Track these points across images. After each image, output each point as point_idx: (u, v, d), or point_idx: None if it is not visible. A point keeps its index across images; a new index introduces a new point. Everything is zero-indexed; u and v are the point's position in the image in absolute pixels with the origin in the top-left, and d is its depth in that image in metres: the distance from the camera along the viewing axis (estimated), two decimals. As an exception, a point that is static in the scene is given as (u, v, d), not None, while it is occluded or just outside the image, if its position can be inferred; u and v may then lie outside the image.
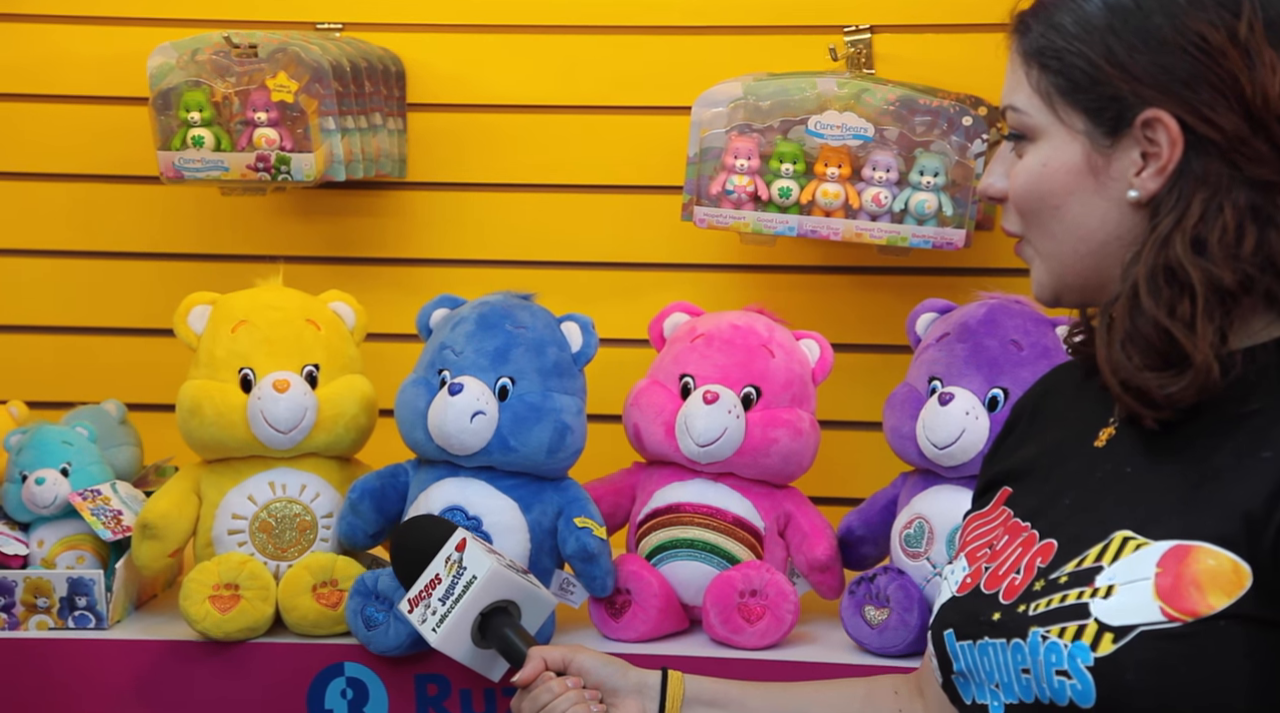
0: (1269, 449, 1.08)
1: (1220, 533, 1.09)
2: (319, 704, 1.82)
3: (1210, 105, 1.12)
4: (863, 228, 1.97)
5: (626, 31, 2.20)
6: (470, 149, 2.23)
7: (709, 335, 1.90)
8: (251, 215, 2.25)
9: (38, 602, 1.85)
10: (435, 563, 1.53)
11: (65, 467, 1.91)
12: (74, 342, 2.29)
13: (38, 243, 2.29)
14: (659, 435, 1.87)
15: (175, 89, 2.03)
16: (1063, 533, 1.20)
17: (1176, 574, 1.10)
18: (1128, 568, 1.13)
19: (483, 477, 1.83)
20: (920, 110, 1.96)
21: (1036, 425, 1.36)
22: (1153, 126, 1.14)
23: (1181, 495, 1.13)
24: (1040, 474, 1.29)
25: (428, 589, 1.53)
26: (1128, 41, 1.15)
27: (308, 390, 1.86)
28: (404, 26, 2.21)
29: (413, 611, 1.54)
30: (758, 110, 1.99)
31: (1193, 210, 1.13)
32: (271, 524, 1.87)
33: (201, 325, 1.91)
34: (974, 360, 1.79)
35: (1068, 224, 1.19)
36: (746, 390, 1.87)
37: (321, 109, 2.02)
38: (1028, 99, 1.19)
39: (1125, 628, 1.10)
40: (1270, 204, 1.13)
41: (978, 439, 1.75)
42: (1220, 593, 1.08)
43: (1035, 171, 1.20)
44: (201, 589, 1.80)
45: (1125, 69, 1.14)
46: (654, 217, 2.17)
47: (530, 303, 1.91)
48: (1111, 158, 1.16)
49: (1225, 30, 1.12)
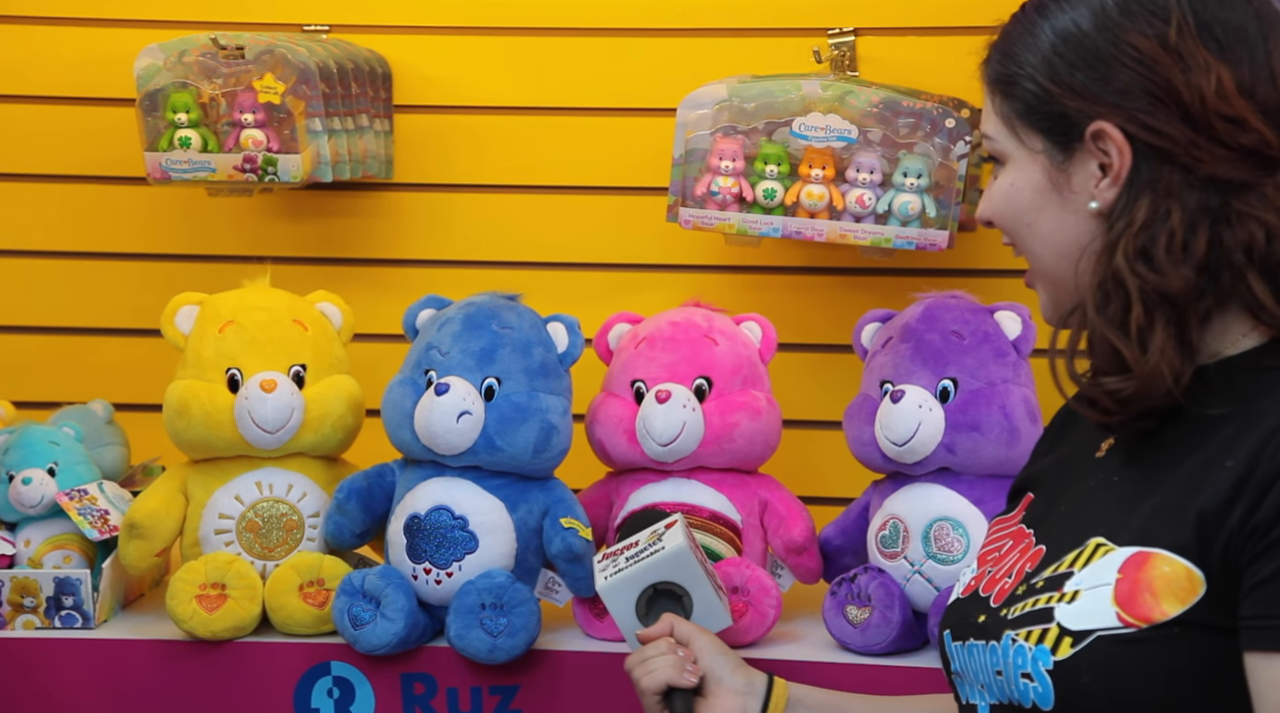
0: (1232, 458, 1.09)
1: (1177, 540, 1.10)
2: (305, 703, 1.81)
3: (1149, 112, 1.14)
4: (847, 229, 1.97)
5: (612, 34, 2.20)
6: (457, 150, 2.23)
7: (651, 338, 1.90)
8: (238, 216, 2.24)
9: (24, 601, 1.85)
10: (643, 531, 1.58)
11: (52, 466, 1.90)
12: (61, 341, 2.29)
13: (24, 243, 2.28)
14: (623, 444, 1.87)
15: (162, 90, 2.03)
16: (1052, 539, 1.22)
17: (1134, 581, 1.11)
18: (1093, 574, 1.14)
19: (469, 476, 1.82)
20: (904, 112, 1.96)
21: (1065, 434, 1.37)
22: (1101, 138, 1.16)
23: (1151, 502, 1.14)
24: (1052, 483, 1.31)
25: (623, 549, 1.56)
26: (1069, 61, 1.17)
27: (294, 390, 1.86)
28: (391, 28, 2.21)
29: (602, 560, 1.57)
30: (742, 112, 1.99)
31: (1138, 217, 1.14)
32: (258, 524, 1.87)
33: (189, 326, 1.91)
34: (919, 356, 1.80)
35: (1044, 240, 1.21)
36: (698, 382, 1.86)
37: (308, 110, 2.01)
38: (995, 126, 1.23)
39: (1084, 633, 1.12)
40: (1226, 204, 1.13)
41: (934, 430, 1.75)
42: (1174, 600, 1.09)
43: (1005, 192, 1.23)
44: (188, 589, 1.80)
45: (1068, 86, 1.17)
46: (639, 218, 2.16)
47: (516, 304, 1.91)
48: (1071, 173, 1.18)
49: (1156, 38, 1.14)
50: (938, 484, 1.78)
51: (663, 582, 1.49)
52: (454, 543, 1.79)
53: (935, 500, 1.77)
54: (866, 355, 1.91)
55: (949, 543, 1.74)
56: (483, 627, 1.75)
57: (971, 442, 1.75)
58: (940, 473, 1.78)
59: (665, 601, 1.50)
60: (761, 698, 1.46)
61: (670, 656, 1.44)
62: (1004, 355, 1.80)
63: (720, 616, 1.53)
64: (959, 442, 1.75)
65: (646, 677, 1.43)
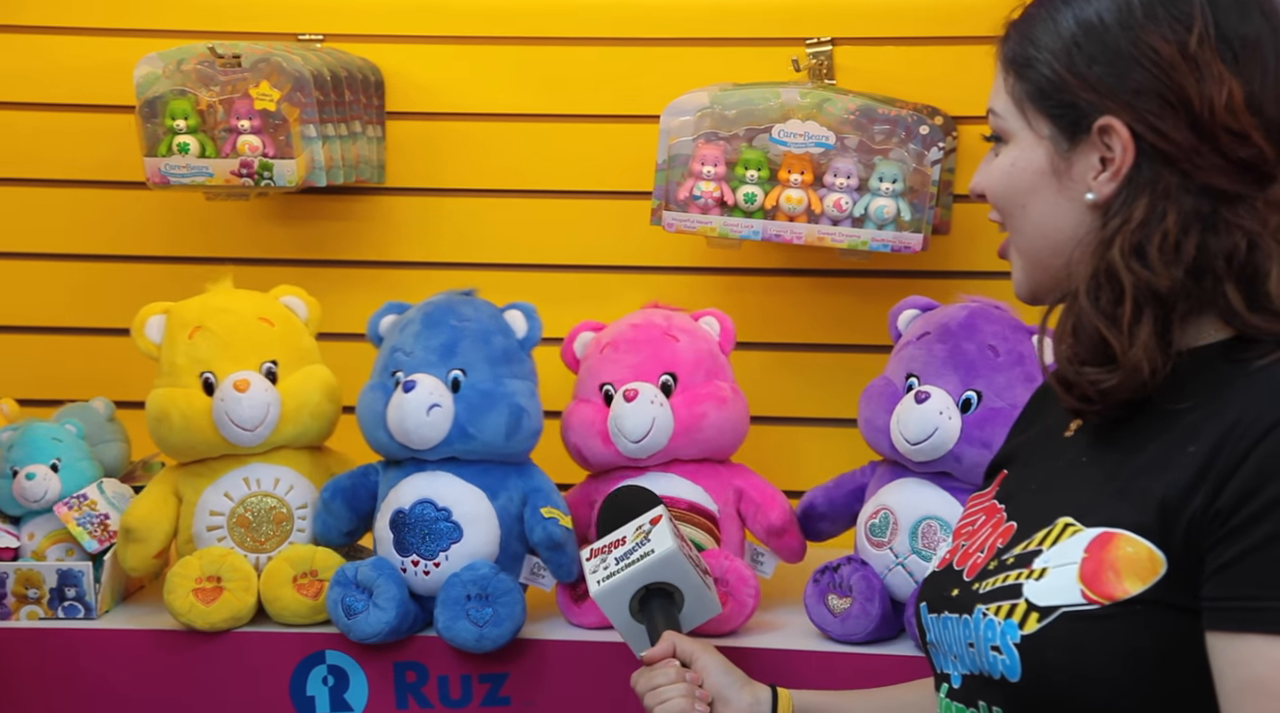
0: (1194, 444, 1.09)
1: (1140, 522, 1.10)
2: (301, 691, 1.81)
3: (1159, 115, 1.13)
4: (824, 232, 1.97)
5: (597, 43, 2.20)
6: (447, 156, 2.23)
7: (614, 341, 1.90)
8: (235, 220, 2.24)
9: (28, 593, 1.85)
10: (627, 526, 1.55)
11: (55, 462, 1.90)
12: (63, 341, 2.29)
13: (27, 246, 2.28)
14: (598, 446, 1.86)
15: (161, 98, 2.03)
16: (1022, 516, 1.22)
17: (1099, 560, 1.11)
18: (1060, 552, 1.14)
19: (448, 469, 1.82)
20: (879, 119, 1.96)
21: (1039, 414, 1.36)
22: (1108, 133, 1.15)
23: (1117, 485, 1.14)
24: (1025, 460, 1.31)
25: (610, 547, 1.53)
26: (1088, 53, 1.16)
27: (269, 387, 1.85)
28: (383, 38, 2.21)
29: (590, 559, 1.54)
30: (724, 119, 2.00)
31: (1135, 215, 1.13)
32: (249, 519, 1.86)
33: (159, 335, 1.90)
34: (951, 362, 1.78)
35: (1034, 221, 1.20)
36: (663, 379, 1.86)
37: (303, 117, 2.01)
38: (1004, 104, 1.21)
39: (1050, 608, 1.11)
40: (1216, 212, 1.13)
41: (948, 438, 1.74)
42: (1136, 579, 1.09)
43: (1005, 170, 1.21)
44: (185, 583, 1.80)
45: (1084, 78, 1.15)
46: (624, 221, 2.16)
47: (472, 297, 1.90)
48: (1073, 162, 1.17)
49: (1176, 44, 1.13)
50: (934, 484, 1.78)
51: (655, 583, 1.49)
52: (439, 534, 1.79)
53: (929, 499, 1.77)
54: (898, 339, 1.89)
55: (934, 540, 1.74)
56: (469, 618, 1.75)
57: (978, 456, 1.72)
58: (939, 475, 1.78)
59: (658, 598, 1.50)
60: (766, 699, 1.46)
61: (680, 684, 1.42)
62: (1033, 380, 1.75)
63: (710, 605, 1.54)
64: (967, 454, 1.74)
65: (659, 707, 1.41)
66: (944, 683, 1.23)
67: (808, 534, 1.89)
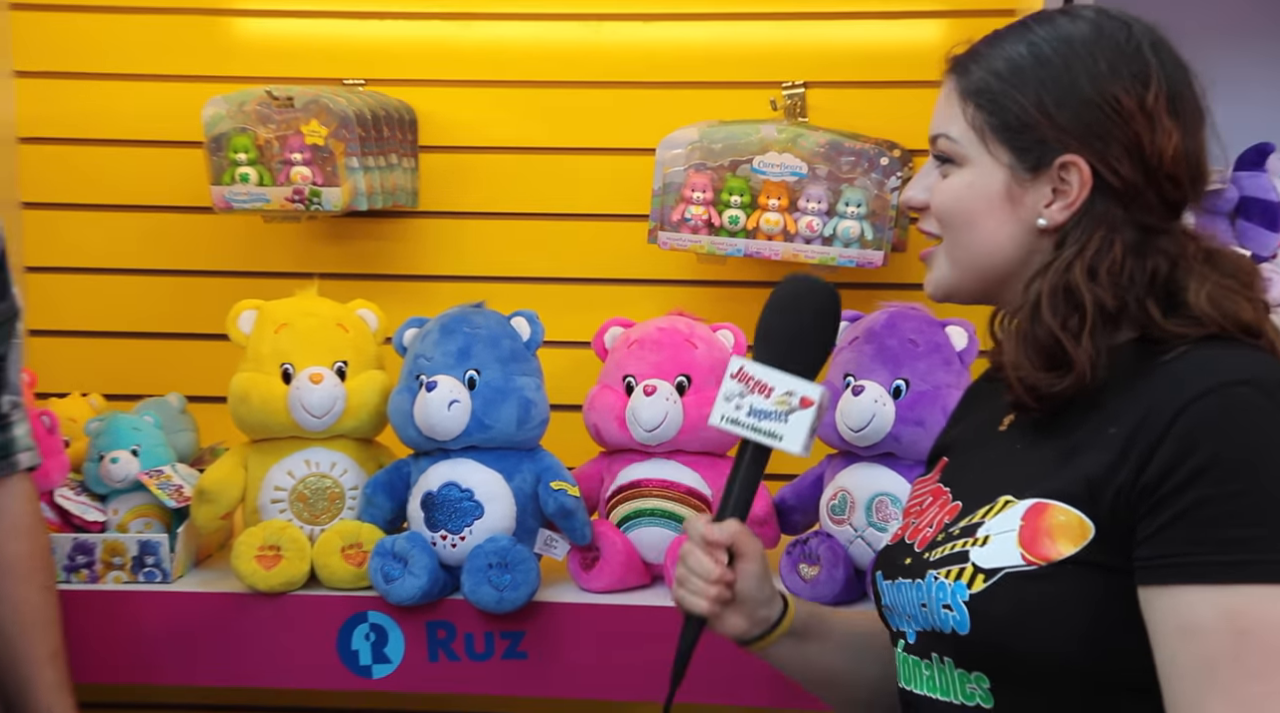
0: (1115, 427, 1.11)
1: (1070, 494, 1.12)
2: (347, 646, 1.82)
3: (1117, 158, 1.14)
4: (798, 250, 2.00)
5: (601, 86, 2.20)
6: (472, 184, 2.23)
7: (641, 340, 1.90)
8: (289, 239, 2.26)
9: (114, 560, 1.86)
10: (783, 380, 1.26)
11: (135, 448, 1.91)
12: (142, 344, 2.29)
13: (112, 262, 2.28)
14: (614, 429, 1.87)
15: (225, 134, 2.05)
16: (966, 496, 1.23)
17: (1035, 526, 1.13)
18: (1000, 522, 1.15)
19: (469, 456, 1.82)
20: (846, 152, 1.98)
21: (970, 409, 1.38)
22: (1068, 169, 1.15)
23: (1050, 465, 1.15)
24: (963, 450, 1.32)
25: (756, 387, 1.26)
26: (1055, 96, 1.15)
27: (338, 383, 1.85)
28: (416, 82, 2.21)
29: (733, 377, 1.26)
30: (711, 152, 2.01)
31: (1091, 243, 1.14)
32: (307, 495, 1.86)
33: (249, 327, 1.90)
34: (879, 357, 1.79)
35: (981, 238, 1.20)
36: (679, 379, 1.86)
37: (347, 150, 2.03)
38: (962, 131, 1.19)
39: (994, 570, 1.13)
40: (1148, 243, 1.15)
41: (885, 422, 1.76)
42: (1069, 542, 1.11)
43: (961, 192, 1.20)
44: (249, 550, 1.82)
45: (1052, 119, 1.15)
46: (625, 240, 2.17)
47: (482, 309, 1.89)
48: (1027, 189, 1.17)
49: (1136, 98, 1.14)
50: (882, 465, 1.79)
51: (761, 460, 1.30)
52: (464, 512, 1.79)
53: (879, 478, 1.78)
54: (835, 346, 1.80)
55: (887, 514, 1.76)
56: (490, 583, 1.76)
57: (915, 434, 1.75)
58: (885, 456, 1.78)
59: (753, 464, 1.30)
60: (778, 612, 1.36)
61: (715, 587, 1.30)
62: (950, 363, 1.79)
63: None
64: (905, 433, 1.75)
65: (687, 597, 1.30)
66: (900, 639, 1.24)
67: (785, 527, 1.88)
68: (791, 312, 1.29)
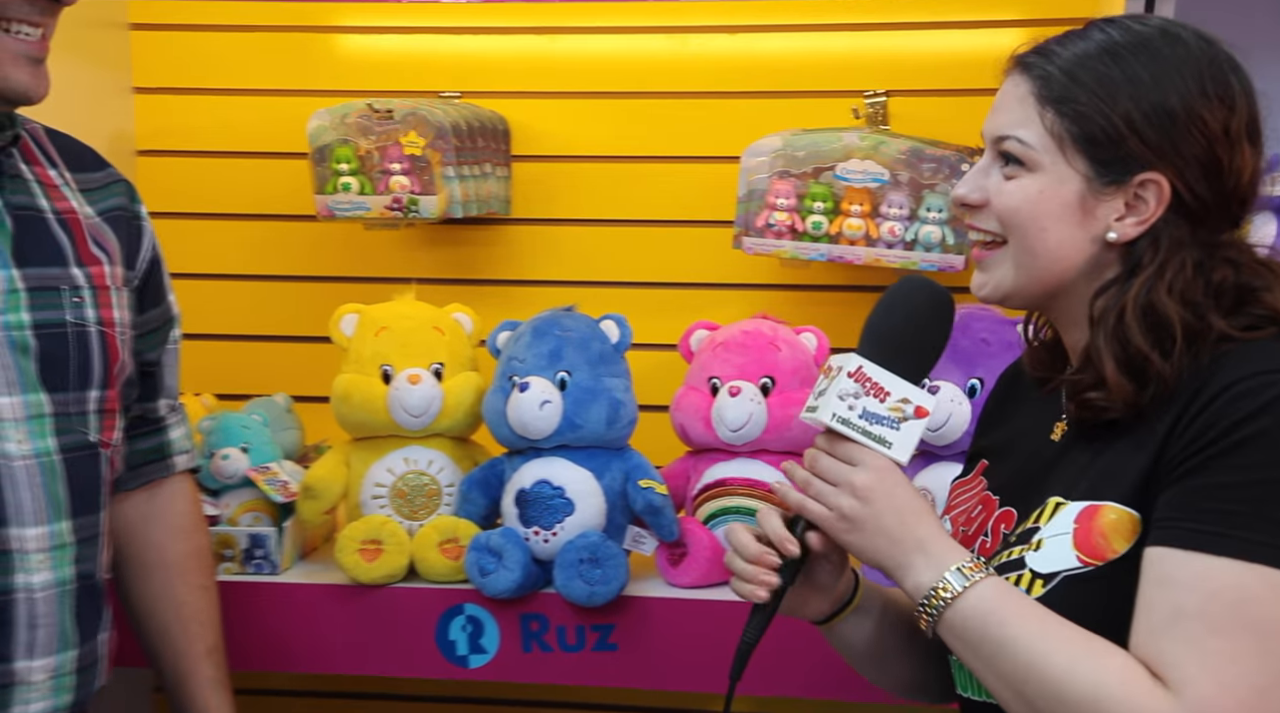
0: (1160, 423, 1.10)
1: (1120, 493, 1.11)
2: (445, 637, 1.83)
3: (1196, 178, 1.12)
4: (880, 254, 1.98)
5: (688, 96, 2.20)
6: (562, 191, 2.24)
7: (726, 343, 1.90)
8: (388, 245, 2.27)
9: (225, 553, 1.88)
10: (899, 386, 1.17)
11: (245, 446, 1.93)
12: (251, 347, 2.31)
13: (223, 268, 2.30)
14: (700, 429, 1.87)
15: (329, 146, 2.06)
16: (1020, 503, 1.22)
17: (1088, 528, 1.11)
18: (1054, 526, 1.14)
19: (561, 455, 1.82)
20: (927, 159, 1.96)
21: (1007, 409, 1.35)
22: (1146, 186, 1.12)
23: (1099, 467, 1.14)
24: (1008, 456, 1.30)
25: (872, 389, 1.17)
26: (1145, 112, 1.11)
27: (435, 384, 1.86)
28: (509, 94, 2.22)
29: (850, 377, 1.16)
30: (794, 159, 2.00)
31: (1171, 264, 1.12)
32: (406, 492, 1.87)
33: (351, 330, 1.91)
34: (953, 358, 1.77)
35: (1049, 245, 1.16)
36: (763, 381, 1.86)
37: (443, 160, 2.04)
38: (1038, 136, 1.14)
39: (1052, 574, 1.12)
40: (1210, 259, 1.13)
41: (962, 421, 1.75)
42: (1122, 540, 1.10)
43: (1032, 196, 1.15)
44: (352, 544, 1.83)
45: (1140, 135, 1.11)
46: (710, 246, 2.16)
47: (573, 312, 1.90)
48: (1101, 201, 1.14)
49: (1221, 121, 1.11)
50: (960, 464, 1.72)
51: None
52: (555, 509, 1.79)
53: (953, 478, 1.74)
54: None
55: None
56: (582, 578, 1.76)
57: None
58: (962, 454, 1.64)
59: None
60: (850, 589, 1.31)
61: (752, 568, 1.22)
62: None
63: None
64: None
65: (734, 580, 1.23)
66: None
67: None
68: (917, 317, 1.20)
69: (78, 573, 1.37)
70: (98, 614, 1.41)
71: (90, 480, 1.39)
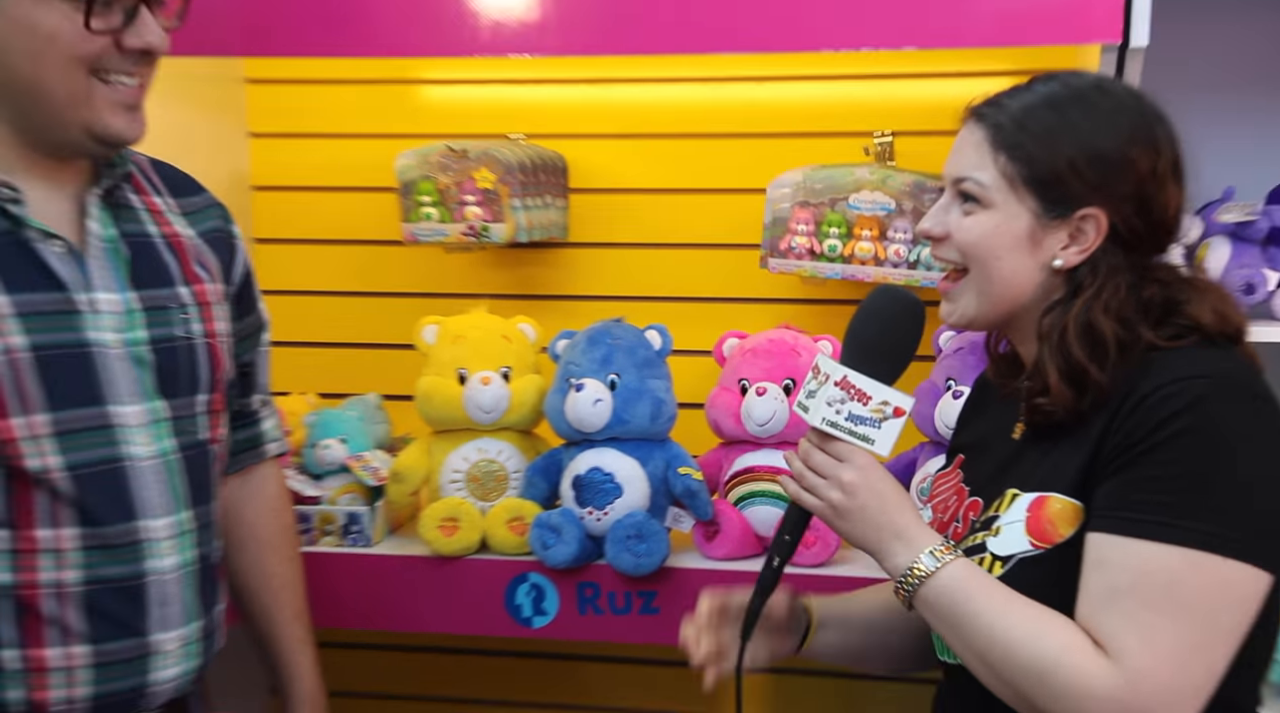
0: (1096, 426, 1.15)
1: (1064, 485, 1.17)
2: (512, 601, 1.90)
3: (1131, 214, 1.17)
4: (887, 273, 2.01)
5: (721, 137, 2.25)
6: (613, 219, 2.29)
7: (754, 349, 1.95)
8: (464, 266, 2.34)
9: (326, 528, 1.96)
10: (880, 390, 1.20)
11: (343, 437, 2.01)
12: (348, 353, 2.38)
13: (323, 286, 2.39)
14: (731, 424, 1.93)
15: (413, 181, 2.12)
16: (985, 494, 1.28)
17: (1039, 516, 1.16)
18: (1010, 514, 1.19)
19: (611, 445, 1.90)
20: (928, 191, 1.99)
21: (979, 411, 1.40)
22: (1086, 219, 1.18)
23: (1050, 462, 1.20)
24: (979, 452, 1.35)
25: (856, 395, 1.20)
26: (1087, 155, 1.16)
27: (503, 385, 1.93)
28: (567, 135, 2.28)
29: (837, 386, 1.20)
30: (813, 191, 2.04)
31: (1107, 287, 1.17)
32: (479, 477, 1.95)
33: (432, 338, 1.98)
34: (981, 366, 1.73)
35: (1004, 273, 1.21)
36: (786, 382, 1.91)
37: (511, 193, 2.08)
38: (993, 178, 1.19)
39: (1008, 557, 1.17)
40: (1141, 281, 1.19)
41: None
42: (1068, 525, 1.15)
43: (989, 230, 1.20)
44: (433, 521, 1.91)
45: (1081, 176, 1.16)
46: (740, 266, 2.21)
47: (621, 323, 1.95)
48: (1048, 233, 1.19)
49: (1149, 163, 1.17)
50: None
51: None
52: (606, 492, 1.86)
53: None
54: (940, 353, 1.92)
55: None
56: (629, 551, 1.84)
57: None
58: None
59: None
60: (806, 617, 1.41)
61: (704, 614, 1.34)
62: None
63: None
64: None
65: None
66: None
67: None
68: (894, 327, 1.25)
69: (199, 555, 1.42)
70: (214, 589, 1.47)
71: (204, 474, 1.44)
